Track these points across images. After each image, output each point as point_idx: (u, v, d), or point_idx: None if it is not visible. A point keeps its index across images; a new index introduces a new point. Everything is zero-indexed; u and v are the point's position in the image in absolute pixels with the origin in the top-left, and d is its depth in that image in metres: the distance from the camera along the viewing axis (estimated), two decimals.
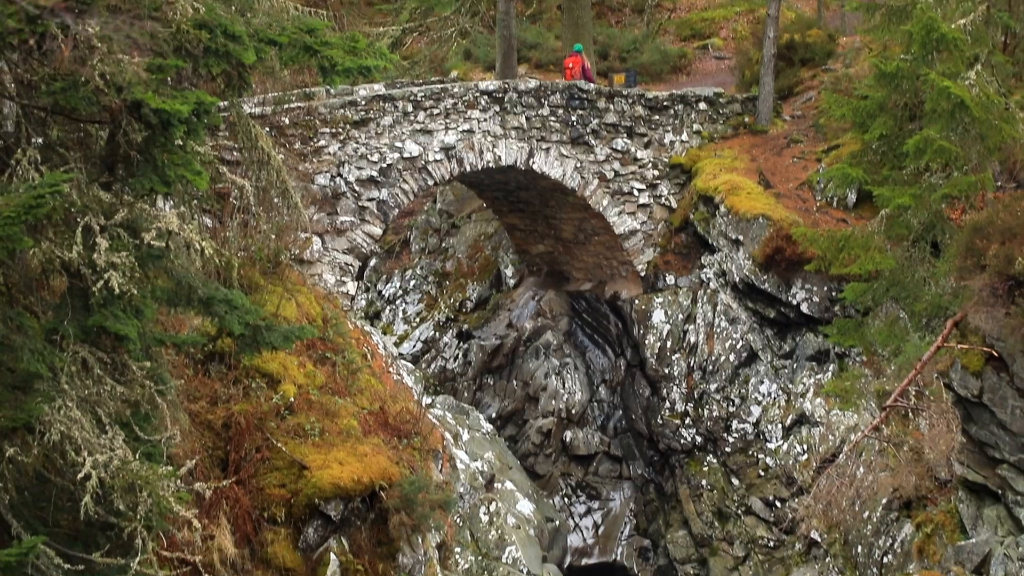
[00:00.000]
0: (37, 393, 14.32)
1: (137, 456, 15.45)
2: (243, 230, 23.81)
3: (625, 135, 32.41)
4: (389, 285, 38.16)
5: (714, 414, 27.94)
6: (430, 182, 29.48)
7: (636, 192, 32.69)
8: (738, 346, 29.02)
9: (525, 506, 28.71)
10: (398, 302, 36.06)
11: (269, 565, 21.67)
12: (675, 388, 29.59)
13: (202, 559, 17.76)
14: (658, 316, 30.67)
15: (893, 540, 21.51)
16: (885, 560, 21.57)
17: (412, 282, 37.90)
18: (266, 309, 22.18)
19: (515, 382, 33.84)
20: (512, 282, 36.18)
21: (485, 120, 29.99)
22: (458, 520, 26.35)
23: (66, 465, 14.92)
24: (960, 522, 19.53)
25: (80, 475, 14.47)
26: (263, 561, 21.70)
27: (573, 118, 31.32)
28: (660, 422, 29.17)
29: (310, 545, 22.25)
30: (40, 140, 14.90)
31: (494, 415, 33.35)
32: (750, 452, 26.91)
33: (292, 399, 22.88)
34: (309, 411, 23.04)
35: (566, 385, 33.31)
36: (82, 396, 14.79)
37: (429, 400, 29.38)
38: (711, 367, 29.22)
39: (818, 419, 25.77)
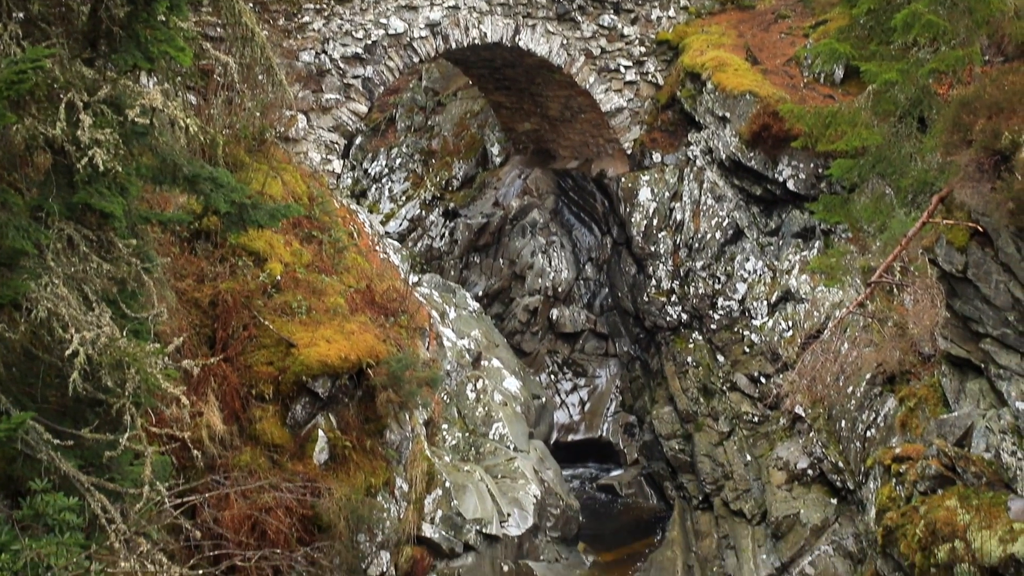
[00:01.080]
0: (23, 270, 14.31)
1: (124, 333, 15.47)
2: (228, 107, 23.64)
3: (612, 11, 32.11)
4: (375, 163, 38.04)
5: (700, 291, 28.05)
6: (415, 59, 29.23)
7: (622, 69, 32.47)
8: (724, 223, 29.04)
9: (512, 383, 28.92)
10: (384, 180, 35.97)
11: (257, 441, 21.84)
12: (661, 266, 29.65)
13: (191, 435, 17.87)
14: (644, 194, 30.64)
15: (876, 414, 21.73)
16: (868, 434, 21.81)
17: (398, 160, 37.78)
18: (252, 187, 22.14)
19: (501, 260, 33.89)
20: (498, 160, 36.09)
21: None
22: (445, 397, 26.54)
23: (54, 342, 14.95)
24: (943, 396, 19.70)
25: (68, 352, 14.50)
26: (251, 438, 21.86)
27: None
28: (646, 299, 29.28)
29: (298, 422, 22.40)
30: (21, 15, 14.71)
31: (480, 293, 33.44)
32: (735, 329, 27.06)
33: (279, 277, 22.91)
34: (296, 289, 23.08)
35: (552, 263, 33.37)
36: (68, 273, 14.78)
37: (416, 278, 29.45)
38: (697, 245, 29.27)
39: (803, 296, 25.89)
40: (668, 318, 28.54)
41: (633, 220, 30.49)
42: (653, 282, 29.19)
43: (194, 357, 19.21)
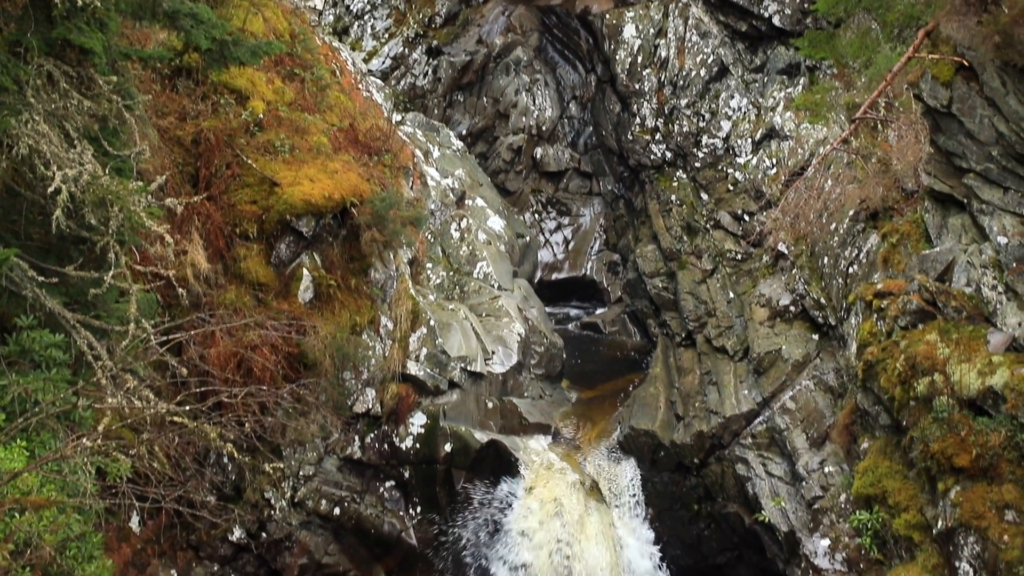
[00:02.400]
0: (3, 106, 14.21)
1: (107, 171, 15.43)
2: None
3: None
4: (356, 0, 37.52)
5: (684, 129, 27.95)
6: None
7: None
8: (709, 60, 28.83)
9: (496, 222, 28.93)
10: (366, 17, 35.49)
11: (242, 280, 21.90)
12: (645, 104, 29.48)
13: (175, 274, 17.88)
14: (629, 31, 30.33)
15: (859, 251, 21.82)
16: (851, 270, 21.93)
17: None
18: (232, 24, 21.84)
19: (485, 99, 33.65)
20: None
21: None
22: (429, 236, 26.57)
23: (36, 179, 14.91)
24: (925, 231, 19.77)
25: (50, 189, 14.48)
26: (236, 276, 21.93)
27: None
28: (630, 138, 29.17)
29: (282, 261, 22.46)
30: None
31: (464, 132, 33.26)
32: (719, 167, 27.04)
33: (261, 116, 22.75)
34: (278, 128, 22.95)
35: (536, 101, 33.17)
36: (49, 110, 14.68)
37: (399, 117, 29.26)
38: (682, 82, 29.08)
39: (787, 133, 25.82)
40: (652, 156, 28.48)
41: (617, 57, 30.24)
42: (637, 120, 29.06)
43: (177, 195, 19.18)
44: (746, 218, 25.86)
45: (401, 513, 23.88)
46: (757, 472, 22.90)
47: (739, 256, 25.29)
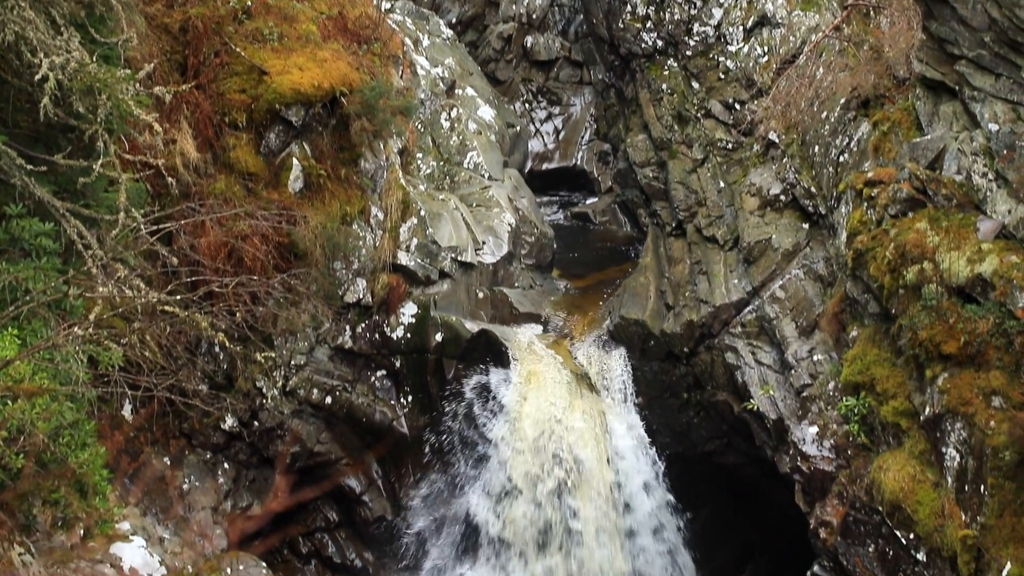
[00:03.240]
0: None
1: (94, 58, 15.35)
2: None
3: None
4: None
5: (675, 17, 27.65)
6: None
7: None
8: None
9: (486, 112, 28.79)
10: None
11: (232, 170, 21.88)
12: None
13: (164, 163, 17.87)
14: None
15: (850, 139, 21.75)
16: (841, 159, 21.87)
17: None
18: None
19: None
20: None
21: None
22: (419, 126, 26.46)
23: (23, 66, 14.84)
24: (916, 119, 19.69)
25: (37, 77, 14.41)
26: (226, 166, 21.91)
27: None
28: (621, 26, 28.88)
29: (272, 150, 22.42)
30: None
31: (454, 20, 32.96)
32: (710, 55, 26.81)
33: (249, 3, 22.60)
34: (267, 16, 22.78)
35: None
36: None
37: (388, 5, 28.96)
38: None
39: (779, 20, 25.57)
40: (643, 45, 28.23)
41: None
42: (628, 8, 28.75)
43: (165, 84, 19.03)
44: (737, 107, 25.71)
45: (392, 402, 24.03)
46: (746, 361, 23.04)
47: (730, 145, 25.20)
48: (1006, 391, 16.74)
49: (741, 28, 26.01)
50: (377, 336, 23.68)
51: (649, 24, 27.95)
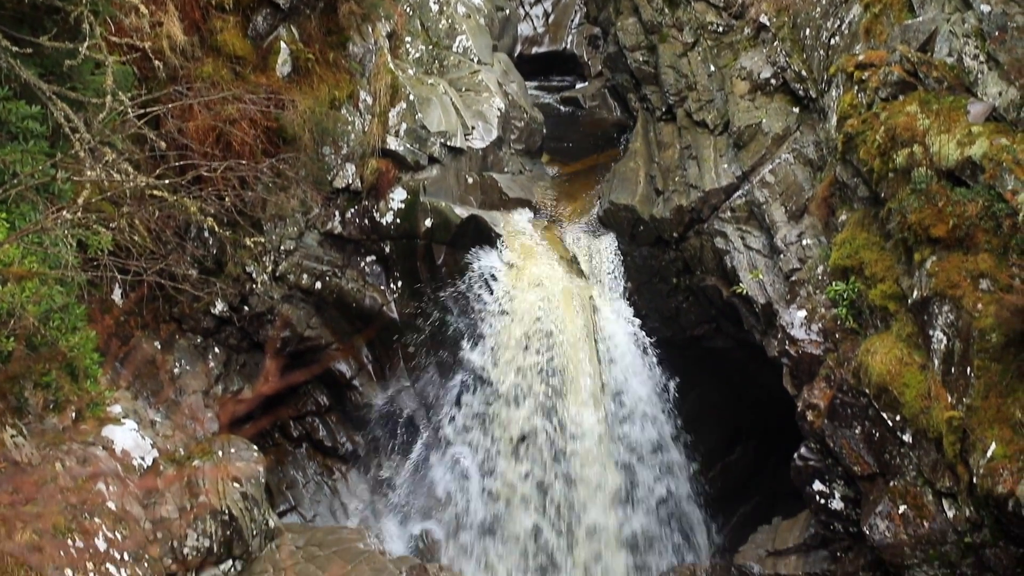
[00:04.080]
0: None
1: None
2: None
3: None
4: None
5: None
6: None
7: None
8: None
9: None
10: None
11: (219, 53, 21.69)
12: None
13: (151, 46, 17.71)
14: None
15: (841, 21, 21.57)
16: (832, 42, 21.71)
17: None
18: None
19: None
20: None
21: None
22: (408, 9, 26.18)
23: None
24: (908, 1, 19.55)
25: None
26: (213, 49, 21.71)
27: None
28: None
29: (260, 34, 22.23)
30: None
31: None
32: None
33: None
34: None
35: None
36: None
37: None
38: None
39: None
40: None
41: None
42: None
43: None
44: None
45: (382, 287, 24.09)
46: (735, 245, 23.07)
47: (720, 28, 24.97)
48: (994, 274, 16.81)
49: None
50: (367, 221, 23.66)
51: None
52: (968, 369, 17.00)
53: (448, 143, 24.46)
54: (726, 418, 25.80)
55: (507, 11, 30.18)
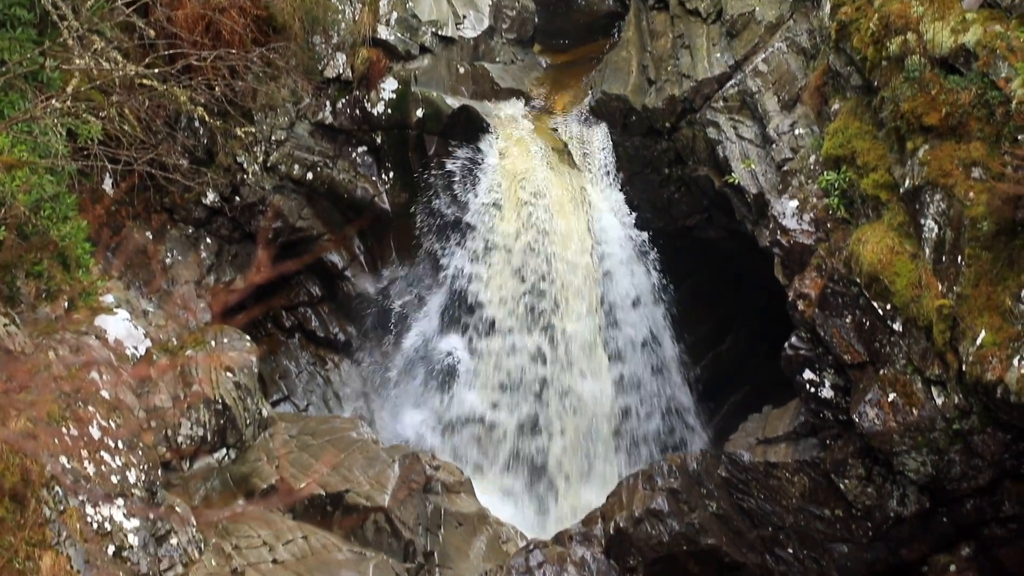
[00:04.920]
0: None
1: None
2: None
3: None
4: None
5: None
6: None
7: None
8: None
9: None
10: None
11: None
12: None
13: None
14: None
15: None
16: None
17: None
18: None
19: None
20: None
21: None
22: None
23: None
24: None
25: None
26: None
27: None
28: None
29: None
30: None
31: None
32: None
33: None
34: None
35: None
36: None
37: None
38: None
39: None
40: None
41: None
42: None
43: None
44: None
45: (373, 178, 24.05)
46: (728, 135, 22.98)
47: None
48: (986, 162, 16.77)
49: None
50: (358, 112, 23.56)
51: None
52: (959, 258, 17.03)
53: (439, 32, 24.29)
54: (716, 308, 25.88)
55: None
